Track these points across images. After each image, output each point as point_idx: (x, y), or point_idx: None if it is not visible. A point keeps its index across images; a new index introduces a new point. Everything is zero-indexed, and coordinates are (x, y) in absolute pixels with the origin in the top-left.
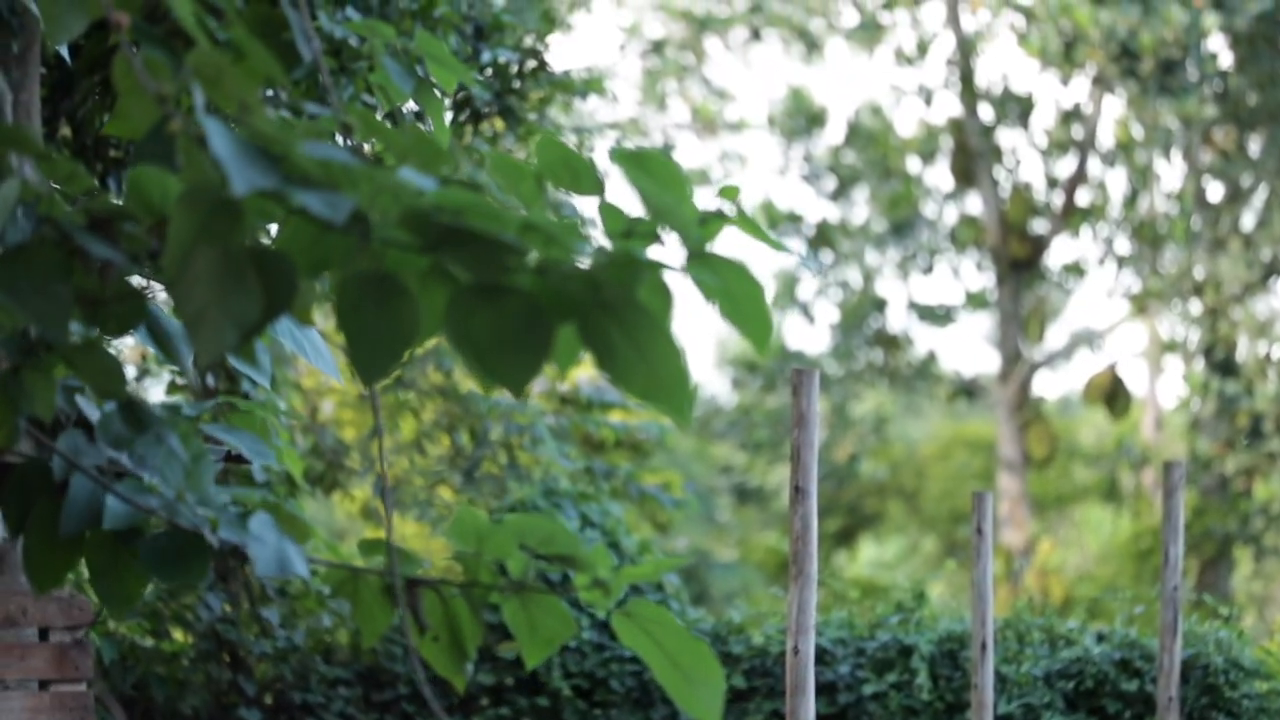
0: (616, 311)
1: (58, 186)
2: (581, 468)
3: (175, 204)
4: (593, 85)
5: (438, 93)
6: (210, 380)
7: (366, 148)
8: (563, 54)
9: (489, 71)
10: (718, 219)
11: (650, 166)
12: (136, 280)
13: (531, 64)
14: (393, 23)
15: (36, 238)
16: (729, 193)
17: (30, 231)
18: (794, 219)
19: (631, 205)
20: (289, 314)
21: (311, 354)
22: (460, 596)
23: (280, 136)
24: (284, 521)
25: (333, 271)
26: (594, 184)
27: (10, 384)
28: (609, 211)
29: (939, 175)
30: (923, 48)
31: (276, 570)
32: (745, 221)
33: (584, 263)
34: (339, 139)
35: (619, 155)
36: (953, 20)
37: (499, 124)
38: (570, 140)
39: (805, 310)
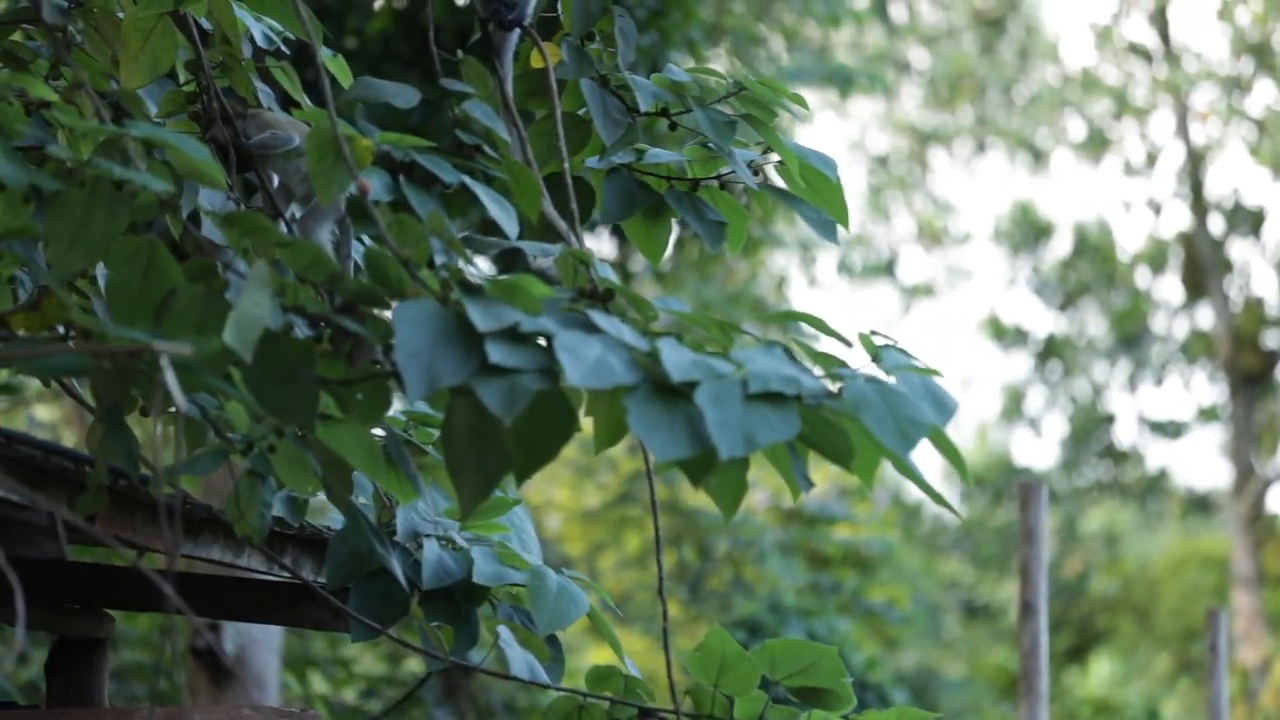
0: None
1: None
2: (807, 583)
3: None
4: None
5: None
6: None
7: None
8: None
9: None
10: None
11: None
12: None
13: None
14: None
15: (284, 327)
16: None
17: (278, 322)
18: (1020, 333)
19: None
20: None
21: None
22: None
23: (468, 320)
24: (523, 640)
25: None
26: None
27: (260, 465)
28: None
29: (1169, 288)
30: (1151, 159)
31: (529, 676)
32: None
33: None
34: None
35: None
36: (1182, 131)
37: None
38: (795, 253)
39: (1033, 424)
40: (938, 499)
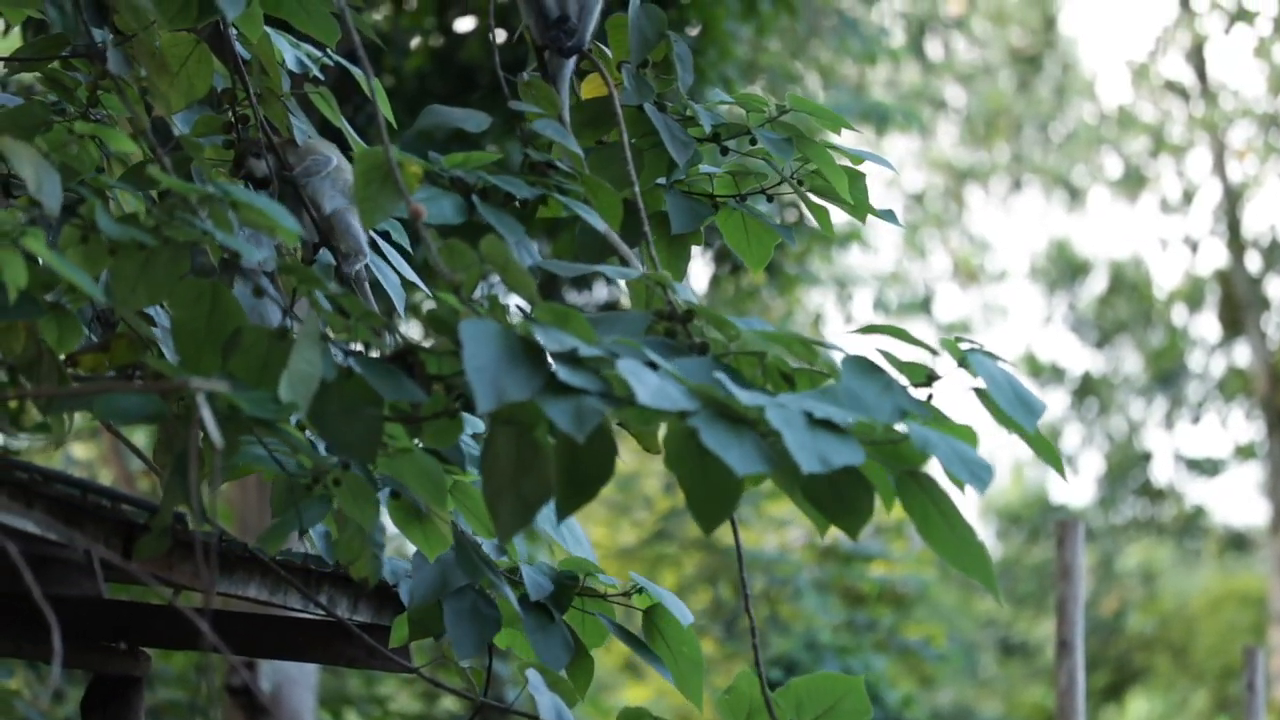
0: (925, 485)
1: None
2: (843, 620)
3: None
4: (853, 236)
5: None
6: None
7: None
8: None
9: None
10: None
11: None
12: None
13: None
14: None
15: (344, 369)
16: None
17: (331, 372)
18: (1057, 371)
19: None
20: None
21: (571, 542)
22: None
23: (535, 340)
24: (552, 682)
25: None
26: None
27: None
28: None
29: (1205, 325)
30: (1188, 196)
31: (556, 719)
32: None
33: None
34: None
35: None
36: (1219, 168)
37: (759, 276)
38: (831, 291)
39: (1070, 461)
40: (988, 581)
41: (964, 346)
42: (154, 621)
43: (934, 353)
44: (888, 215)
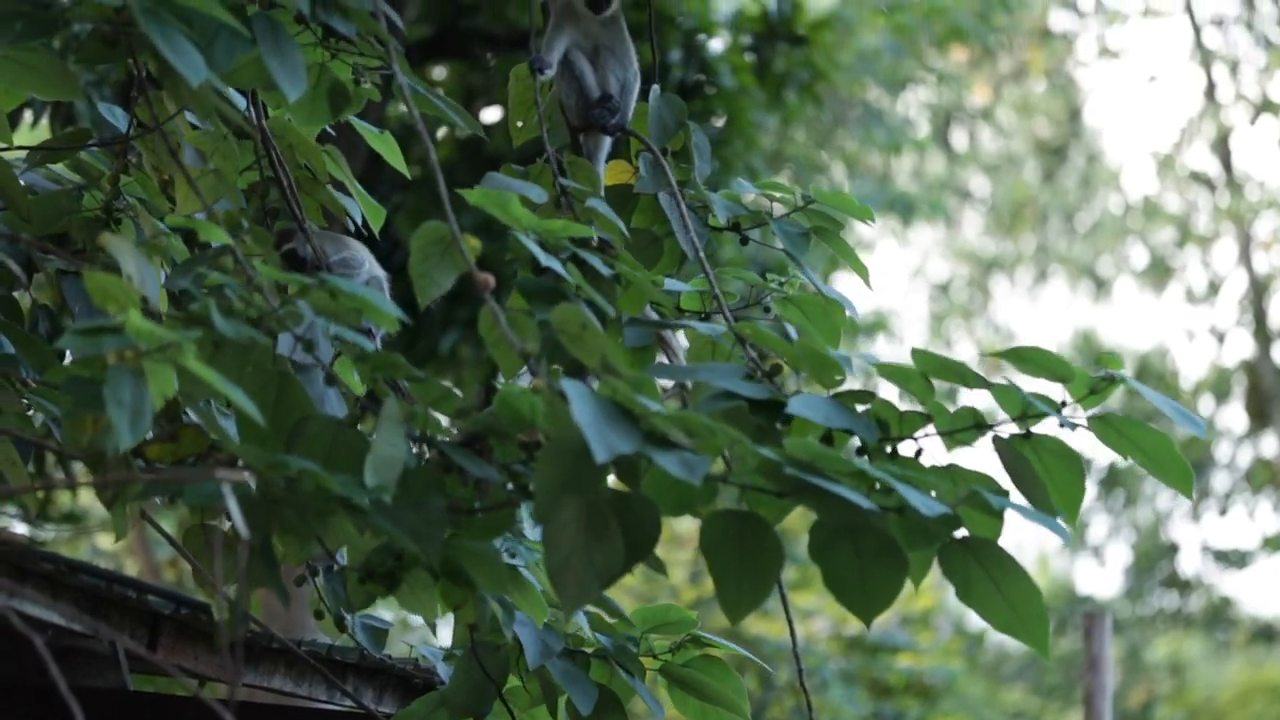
0: (975, 549)
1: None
2: (870, 712)
3: (540, 454)
4: (878, 325)
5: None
6: None
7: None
8: (848, 294)
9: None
10: (1108, 382)
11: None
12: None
13: None
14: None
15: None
16: (1112, 362)
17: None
18: (1084, 460)
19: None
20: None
21: None
22: None
23: (634, 400)
24: None
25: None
26: (976, 380)
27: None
28: (1006, 393)
29: (1232, 416)
30: (1214, 287)
31: None
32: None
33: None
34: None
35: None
36: (1244, 259)
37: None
38: (856, 381)
39: (1097, 553)
40: (1041, 645)
41: (1104, 373)
42: (179, 713)
43: (1068, 378)
44: (845, 363)
